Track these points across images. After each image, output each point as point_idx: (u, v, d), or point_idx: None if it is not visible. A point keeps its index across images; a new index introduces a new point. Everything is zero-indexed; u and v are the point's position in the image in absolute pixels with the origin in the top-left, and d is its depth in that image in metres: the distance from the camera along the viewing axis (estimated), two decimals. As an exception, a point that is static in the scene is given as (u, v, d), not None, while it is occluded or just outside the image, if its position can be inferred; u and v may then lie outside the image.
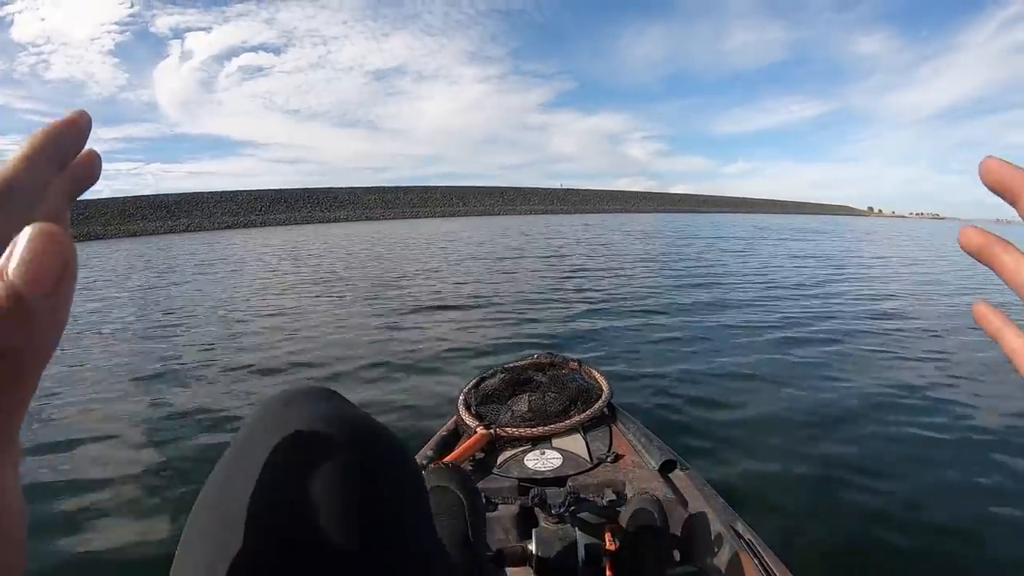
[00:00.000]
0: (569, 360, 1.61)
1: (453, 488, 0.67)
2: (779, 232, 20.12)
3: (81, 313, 5.28)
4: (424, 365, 3.05)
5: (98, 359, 3.54)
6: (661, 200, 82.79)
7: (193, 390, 2.86)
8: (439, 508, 0.65)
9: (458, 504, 0.65)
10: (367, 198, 54.88)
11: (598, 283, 6.29)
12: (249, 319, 4.78)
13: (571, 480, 1.02)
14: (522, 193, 68.28)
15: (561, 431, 1.23)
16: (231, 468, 0.31)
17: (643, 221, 31.93)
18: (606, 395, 1.37)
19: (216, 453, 1.08)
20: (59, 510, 1.64)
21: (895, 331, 4.03)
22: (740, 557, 0.82)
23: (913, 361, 3.20)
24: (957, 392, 2.66)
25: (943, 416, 2.28)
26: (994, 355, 2.78)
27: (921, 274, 8.26)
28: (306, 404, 0.33)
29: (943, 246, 15.01)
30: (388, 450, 0.33)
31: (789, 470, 1.81)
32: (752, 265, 8.56)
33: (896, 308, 5.09)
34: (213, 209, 43.34)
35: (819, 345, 3.50)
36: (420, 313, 4.62)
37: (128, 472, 1.89)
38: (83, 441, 2.19)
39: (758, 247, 12.30)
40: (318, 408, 0.33)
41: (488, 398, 1.39)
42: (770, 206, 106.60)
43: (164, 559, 1.09)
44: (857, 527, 1.51)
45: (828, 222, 40.94)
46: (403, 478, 0.33)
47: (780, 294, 5.57)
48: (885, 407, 2.42)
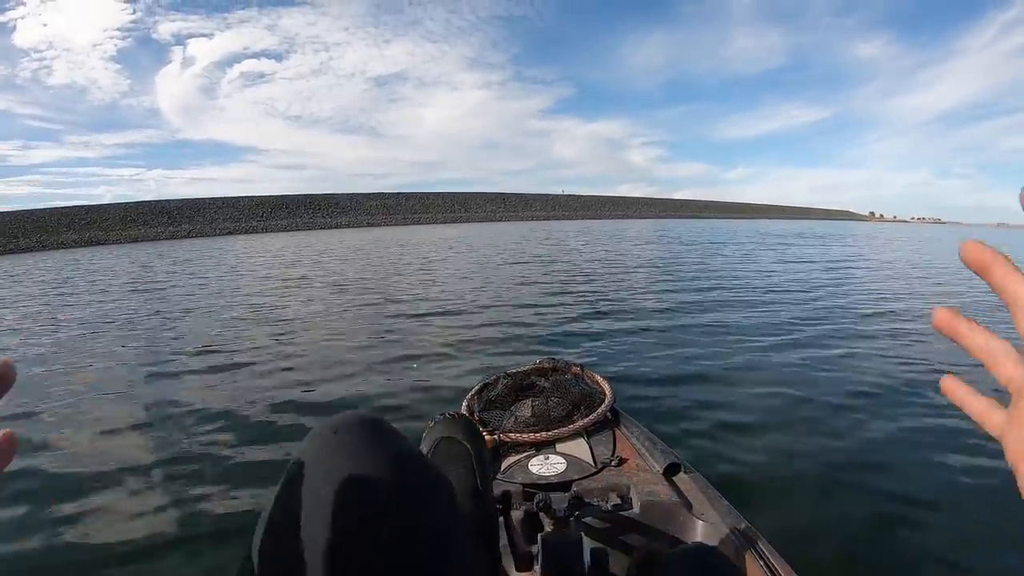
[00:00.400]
0: (571, 365, 1.61)
1: (460, 439, 0.67)
2: (783, 237, 20.19)
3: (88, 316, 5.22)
4: (426, 371, 3.05)
5: (99, 361, 3.52)
6: (663, 206, 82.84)
7: (187, 386, 2.87)
8: (448, 457, 0.65)
9: (466, 454, 0.65)
10: (369, 204, 54.99)
11: (599, 288, 6.30)
12: (248, 320, 4.79)
13: (576, 485, 1.01)
14: (524, 199, 68.40)
15: (565, 436, 1.23)
16: (288, 502, 0.33)
17: (645, 226, 32.14)
18: (609, 399, 1.38)
19: (218, 454, 1.87)
20: (61, 510, 1.64)
21: (902, 332, 4.04)
22: (746, 559, 0.82)
23: (921, 361, 3.20)
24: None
25: (952, 416, 2.22)
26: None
27: (924, 276, 8.31)
28: (356, 439, 0.35)
29: (944, 251, 15.09)
30: (431, 486, 0.36)
31: (794, 472, 1.81)
32: (754, 268, 8.54)
33: (902, 308, 5.11)
34: (215, 215, 43.44)
35: (823, 347, 3.51)
36: (420, 319, 4.64)
37: (129, 469, 1.90)
38: (82, 438, 2.20)
39: (760, 253, 12.28)
40: (368, 443, 0.35)
41: (491, 404, 1.40)
42: (772, 211, 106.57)
43: (163, 555, 1.36)
44: (863, 528, 1.51)
45: (830, 227, 41.38)
46: (444, 513, 0.36)
47: (784, 297, 5.56)
48: (892, 407, 2.42)
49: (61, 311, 5.76)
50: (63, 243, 28.39)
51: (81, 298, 6.81)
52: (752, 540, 0.86)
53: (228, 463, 1.95)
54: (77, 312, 5.64)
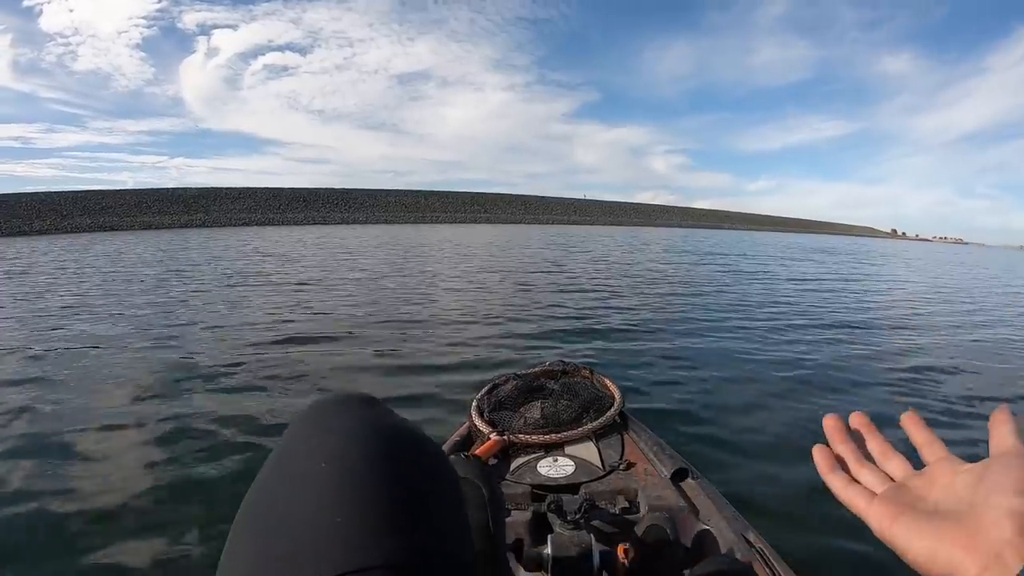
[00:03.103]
0: (581, 368, 1.61)
1: (474, 479, 0.66)
2: (808, 252, 20.05)
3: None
4: (435, 369, 2.99)
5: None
6: (685, 215, 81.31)
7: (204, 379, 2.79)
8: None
9: (479, 495, 0.65)
10: (387, 200, 54.10)
11: (615, 295, 6.17)
12: (258, 311, 4.67)
13: (584, 487, 1.01)
14: (544, 203, 67.30)
15: (574, 438, 1.23)
16: (275, 476, 0.31)
17: (666, 235, 32.01)
18: (618, 403, 1.38)
19: (223, 449, 1.95)
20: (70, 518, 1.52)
21: (917, 346, 4.08)
22: (752, 567, 0.81)
23: (934, 371, 3.28)
24: (973, 405, 2.65)
25: (959, 427, 2.37)
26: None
27: (940, 290, 8.40)
28: (348, 412, 0.34)
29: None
30: (429, 458, 0.34)
31: (802, 480, 1.76)
32: (775, 285, 7.91)
33: (917, 323, 5.24)
34: (231, 205, 42.73)
35: (837, 359, 3.51)
36: (431, 318, 4.53)
37: (136, 466, 1.82)
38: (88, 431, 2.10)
39: (786, 266, 11.77)
40: (360, 416, 0.33)
41: (501, 404, 1.38)
42: (794, 224, 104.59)
43: (174, 560, 1.32)
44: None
45: (853, 243, 42.68)
46: (443, 486, 0.33)
47: (803, 312, 5.43)
48: (897, 417, 1.73)
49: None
50: (76, 227, 27.60)
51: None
52: (758, 548, 0.86)
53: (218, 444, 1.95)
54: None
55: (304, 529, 0.27)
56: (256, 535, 0.29)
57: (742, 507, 1.01)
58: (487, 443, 1.16)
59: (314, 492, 0.28)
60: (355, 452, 0.30)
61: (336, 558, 0.26)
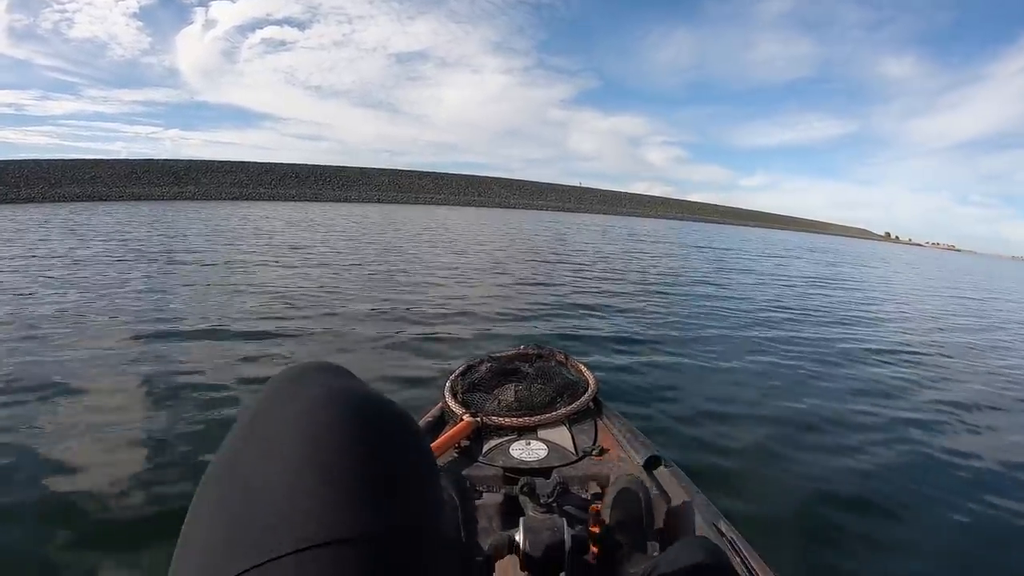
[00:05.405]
0: (556, 352, 1.61)
1: (450, 490, 0.66)
2: (807, 252, 19.89)
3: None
4: (409, 349, 3.00)
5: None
6: (680, 207, 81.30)
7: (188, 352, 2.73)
8: None
9: (453, 506, 0.63)
10: (380, 179, 53.74)
11: (597, 283, 6.19)
12: (246, 289, 4.56)
13: (556, 472, 0.97)
14: (539, 188, 67.06)
15: (547, 422, 1.23)
16: (241, 443, 0.30)
17: (660, 227, 31.75)
18: (592, 389, 1.38)
19: (204, 415, 2.03)
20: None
21: (902, 347, 4.16)
22: (724, 552, 0.81)
23: (914, 369, 3.46)
24: (951, 410, 2.70)
25: (934, 430, 2.41)
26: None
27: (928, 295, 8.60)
28: (316, 379, 0.33)
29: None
30: (398, 424, 0.32)
31: (773, 471, 1.81)
32: (772, 289, 7.70)
33: (905, 328, 5.33)
34: (222, 179, 42.35)
35: (812, 354, 3.57)
36: (411, 297, 4.55)
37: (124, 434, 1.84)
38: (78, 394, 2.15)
39: (783, 265, 11.84)
40: (329, 383, 0.32)
41: (475, 386, 1.38)
42: (791, 223, 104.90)
43: (156, 525, 1.35)
44: (841, 528, 1.53)
45: (848, 244, 42.96)
46: (414, 452, 0.32)
47: (790, 315, 5.33)
48: (874, 416, 2.46)
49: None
50: (64, 196, 27.37)
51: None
52: (730, 537, 0.86)
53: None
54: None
55: (273, 497, 0.26)
56: (221, 502, 0.28)
57: (714, 497, 1.01)
58: (459, 425, 1.15)
59: (282, 459, 0.27)
60: (325, 418, 0.29)
61: (309, 528, 0.25)
